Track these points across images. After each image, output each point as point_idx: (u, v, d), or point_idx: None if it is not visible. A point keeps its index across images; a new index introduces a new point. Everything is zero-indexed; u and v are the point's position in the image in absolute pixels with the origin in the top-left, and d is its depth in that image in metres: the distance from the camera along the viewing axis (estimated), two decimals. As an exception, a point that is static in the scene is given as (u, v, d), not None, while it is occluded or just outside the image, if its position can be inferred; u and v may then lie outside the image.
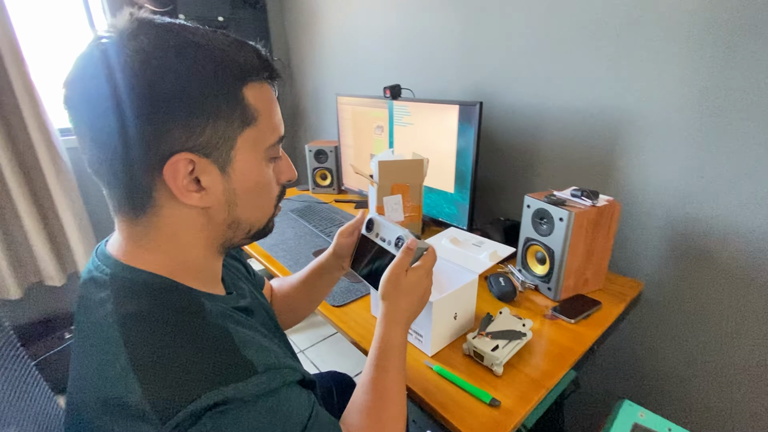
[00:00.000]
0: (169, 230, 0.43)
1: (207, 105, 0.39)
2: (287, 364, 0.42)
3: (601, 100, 1.00)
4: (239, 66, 0.41)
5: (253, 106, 0.42)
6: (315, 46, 1.93)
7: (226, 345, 0.39)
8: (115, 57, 0.37)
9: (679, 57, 0.86)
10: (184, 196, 0.41)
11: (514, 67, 1.16)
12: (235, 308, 0.48)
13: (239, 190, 0.44)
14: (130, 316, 0.39)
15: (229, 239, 0.47)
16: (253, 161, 0.44)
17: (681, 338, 1.00)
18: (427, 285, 0.59)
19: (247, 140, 0.43)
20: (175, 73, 0.37)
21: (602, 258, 0.93)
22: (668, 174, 0.93)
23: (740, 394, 0.93)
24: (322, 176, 1.76)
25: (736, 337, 0.91)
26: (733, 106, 0.81)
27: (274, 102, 0.46)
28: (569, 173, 1.11)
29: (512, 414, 0.62)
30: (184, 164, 0.39)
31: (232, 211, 0.45)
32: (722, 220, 0.88)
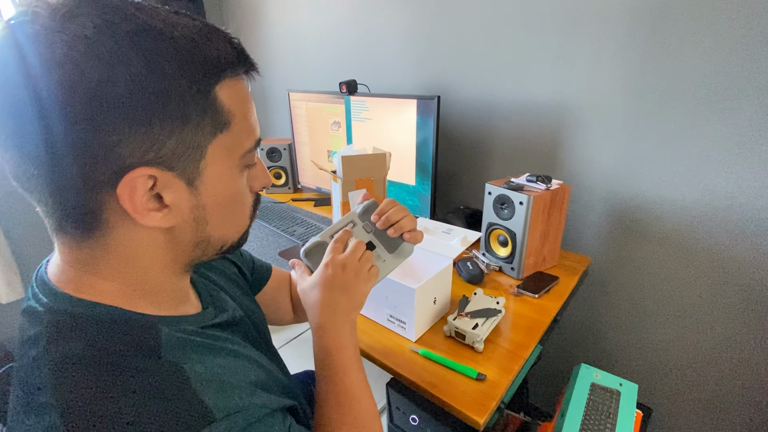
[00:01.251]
0: (123, 254, 0.36)
1: (171, 109, 0.32)
2: (254, 402, 0.37)
3: (547, 93, 1.09)
4: (211, 60, 0.34)
5: (227, 107, 0.36)
6: (259, 41, 1.86)
7: (179, 390, 0.34)
8: (46, 43, 0.28)
9: (613, 53, 0.96)
10: (143, 217, 0.34)
11: (467, 63, 1.22)
12: (209, 326, 0.44)
13: (210, 205, 0.38)
14: (65, 359, 0.32)
15: (197, 258, 0.41)
16: (226, 171, 0.38)
17: (624, 304, 1.12)
18: (347, 270, 0.53)
19: (219, 148, 0.36)
20: (130, 68, 0.30)
21: (556, 237, 1.02)
22: (606, 158, 1.05)
23: (675, 348, 1.07)
24: (276, 175, 1.71)
25: (669, 299, 1.05)
26: (658, 95, 0.93)
27: (250, 101, 0.40)
28: (522, 161, 1.20)
29: (497, 385, 0.67)
30: (143, 181, 0.33)
31: (201, 229, 0.39)
32: (653, 197, 1.00)
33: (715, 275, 0.96)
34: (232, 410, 0.35)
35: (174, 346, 0.37)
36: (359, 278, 0.53)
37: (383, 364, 0.72)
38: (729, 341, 0.98)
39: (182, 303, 0.44)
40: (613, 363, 1.20)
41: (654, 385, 1.14)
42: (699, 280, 0.99)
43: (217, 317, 0.47)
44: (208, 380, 0.36)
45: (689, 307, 1.02)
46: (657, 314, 1.07)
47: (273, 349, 0.60)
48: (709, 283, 0.97)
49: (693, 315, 1.02)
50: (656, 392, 1.14)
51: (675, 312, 1.04)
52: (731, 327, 0.97)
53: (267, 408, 0.38)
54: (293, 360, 1.74)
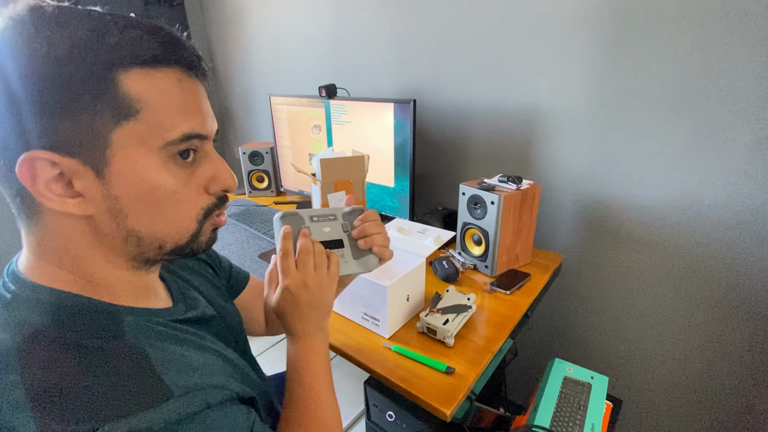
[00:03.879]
0: (58, 240, 0.38)
1: (62, 94, 0.33)
2: (212, 383, 0.38)
3: (516, 96, 1.13)
4: (110, 47, 0.34)
5: (134, 95, 0.35)
6: (241, 46, 1.88)
7: (139, 368, 0.35)
8: None
9: (580, 58, 1.00)
10: (53, 203, 0.35)
11: (443, 69, 1.25)
12: (178, 321, 0.45)
13: (124, 197, 0.37)
14: (29, 341, 0.34)
15: (137, 254, 0.41)
16: (142, 163, 0.37)
17: (596, 300, 1.16)
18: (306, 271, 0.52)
19: (128, 137, 0.36)
20: (30, 51, 0.32)
21: (528, 235, 1.06)
22: (575, 159, 1.08)
23: (645, 342, 1.11)
24: (259, 179, 1.73)
25: (639, 295, 1.09)
26: (623, 98, 0.97)
27: (180, 92, 0.38)
28: (496, 162, 1.23)
29: (465, 378, 0.69)
30: (43, 165, 0.34)
31: (122, 222, 0.38)
32: (620, 196, 1.04)
33: (680, 273, 1.00)
34: (191, 388, 0.36)
35: (137, 333, 0.38)
36: (323, 289, 0.53)
37: (357, 361, 0.74)
38: (695, 335, 1.03)
39: (147, 297, 0.45)
40: (587, 357, 1.23)
41: (625, 377, 1.18)
42: (665, 278, 1.03)
43: (187, 313, 0.48)
44: (171, 361, 0.37)
45: (657, 302, 1.06)
46: (627, 309, 1.11)
47: (247, 349, 0.61)
48: (675, 280, 1.02)
49: (660, 310, 1.06)
50: (627, 384, 1.18)
51: (644, 307, 1.08)
52: (699, 322, 1.01)
53: (227, 391, 0.39)
54: (277, 363, 1.75)
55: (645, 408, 1.17)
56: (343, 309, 0.86)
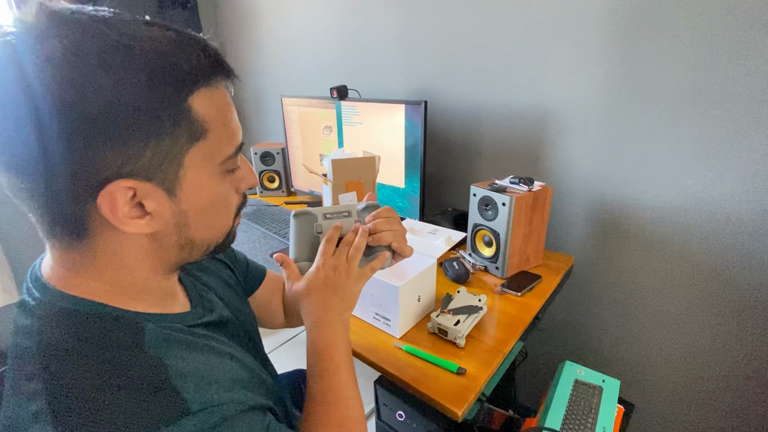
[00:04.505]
0: (110, 258, 0.38)
1: (144, 123, 0.33)
2: (230, 398, 0.39)
3: (530, 98, 1.13)
4: (183, 72, 0.35)
5: (201, 117, 0.36)
6: (253, 48, 1.90)
7: (158, 382, 0.35)
8: (20, 66, 0.30)
9: (593, 58, 1.00)
10: (125, 225, 0.36)
11: (454, 69, 1.25)
12: (194, 325, 0.46)
13: (191, 211, 0.40)
14: (53, 349, 0.34)
15: (183, 260, 0.43)
16: (205, 178, 0.39)
17: (608, 302, 1.15)
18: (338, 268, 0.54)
19: (197, 157, 0.37)
20: (100, 88, 0.31)
21: (539, 237, 1.05)
22: (587, 160, 1.08)
23: (657, 345, 1.10)
24: (270, 179, 1.74)
25: (651, 297, 1.07)
26: (636, 98, 0.96)
27: (229, 107, 0.40)
28: (507, 163, 1.23)
29: (477, 378, 0.69)
30: (122, 192, 0.34)
31: (184, 232, 0.41)
32: (633, 198, 1.03)
33: (694, 275, 0.99)
34: (209, 404, 0.36)
35: (158, 342, 0.39)
36: (350, 278, 0.55)
37: (369, 361, 0.75)
38: (709, 339, 1.01)
39: (169, 302, 0.46)
40: (598, 360, 1.22)
41: (637, 380, 1.16)
42: (679, 280, 1.02)
43: (205, 317, 0.48)
44: (187, 375, 0.37)
45: (670, 305, 1.05)
46: (639, 312, 1.10)
47: (261, 350, 0.61)
48: (689, 283, 1.00)
49: (674, 313, 1.05)
50: (639, 388, 1.17)
51: (657, 310, 1.07)
52: (715, 327, 1.00)
53: (243, 404, 0.39)
54: (287, 361, 1.76)
55: (658, 413, 1.15)
56: (355, 308, 0.87)
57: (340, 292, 0.54)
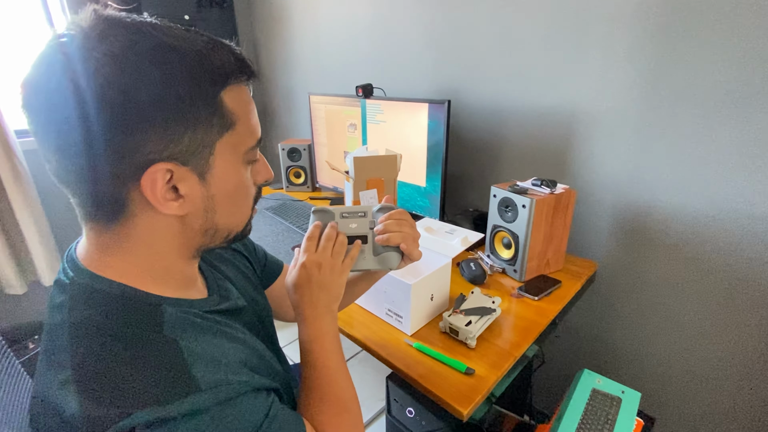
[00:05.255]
0: (142, 238, 0.42)
1: (185, 112, 0.37)
2: (237, 379, 0.41)
3: (555, 98, 1.10)
4: (216, 69, 0.39)
5: (231, 110, 0.41)
6: (285, 45, 1.95)
7: (172, 361, 0.38)
8: (82, 60, 0.34)
9: (624, 57, 0.96)
10: (162, 206, 0.39)
11: (478, 68, 1.24)
12: (210, 311, 0.48)
13: (218, 196, 0.43)
14: (82, 326, 0.38)
15: (205, 245, 0.47)
16: (231, 166, 0.43)
17: (632, 311, 1.11)
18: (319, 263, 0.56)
19: (225, 145, 0.42)
20: (150, 79, 0.35)
21: (561, 241, 1.03)
22: (615, 163, 1.04)
23: (682, 359, 1.05)
24: (296, 174, 1.79)
25: (678, 309, 1.03)
26: (670, 100, 0.92)
27: (252, 104, 0.45)
28: (531, 165, 1.21)
29: (485, 380, 0.69)
30: (162, 174, 0.38)
31: (210, 217, 0.44)
32: (663, 204, 0.99)
33: (725, 287, 0.94)
34: (217, 383, 0.39)
35: (175, 324, 0.42)
36: (335, 272, 0.57)
37: (378, 355, 0.76)
38: (738, 355, 0.96)
39: (189, 288, 0.49)
40: (619, 370, 1.18)
41: (659, 394, 1.12)
42: (709, 291, 0.97)
43: (221, 304, 0.51)
44: (199, 355, 0.40)
45: (698, 317, 1.00)
46: (664, 323, 1.06)
47: (274, 340, 0.64)
48: (719, 295, 0.95)
49: (701, 326, 1.00)
50: (662, 402, 1.12)
51: (683, 322, 1.03)
52: (741, 340, 0.95)
53: (249, 385, 0.42)
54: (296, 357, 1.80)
55: (680, 429, 1.10)
56: (368, 304, 0.89)
57: (326, 287, 0.56)
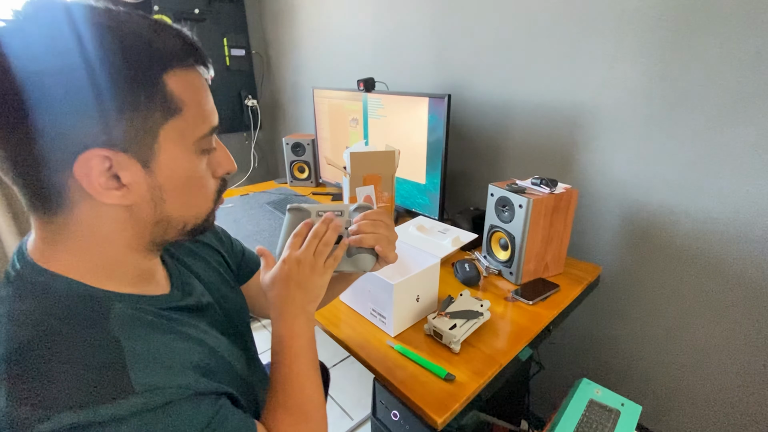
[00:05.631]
0: (86, 230, 0.40)
1: (121, 96, 0.36)
2: (178, 382, 0.39)
3: (560, 94, 1.04)
4: (157, 51, 0.37)
5: (176, 95, 0.39)
6: (293, 39, 1.94)
7: (110, 361, 0.36)
8: (11, 42, 0.33)
9: (631, 53, 0.90)
10: (102, 195, 0.38)
11: (482, 63, 1.20)
12: (169, 308, 0.46)
13: (166, 186, 0.41)
14: (20, 320, 0.36)
15: (159, 236, 0.44)
16: (180, 154, 0.41)
17: (637, 319, 1.05)
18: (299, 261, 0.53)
19: (171, 132, 0.40)
20: (84, 61, 0.34)
21: (561, 243, 0.98)
22: (620, 163, 0.98)
23: (691, 373, 0.99)
24: (300, 169, 1.78)
25: (687, 318, 0.96)
26: (680, 99, 0.86)
27: (204, 90, 0.43)
28: (534, 163, 1.16)
29: (465, 387, 0.66)
30: (98, 161, 0.36)
31: (160, 208, 0.42)
32: (671, 206, 0.93)
33: (742, 298, 0.87)
34: (153, 387, 0.37)
35: (123, 322, 0.40)
36: (315, 272, 0.54)
37: (359, 356, 0.74)
38: (751, 371, 0.89)
39: (147, 283, 0.47)
40: (621, 382, 1.12)
41: (663, 409, 1.06)
42: (722, 302, 0.90)
43: (182, 300, 0.49)
44: (141, 356, 0.38)
45: (710, 330, 0.93)
46: (674, 335, 1.00)
47: (246, 339, 0.61)
48: (735, 307, 0.89)
49: (714, 339, 0.93)
50: (664, 418, 1.06)
51: (695, 335, 0.96)
52: (755, 355, 0.88)
53: (191, 389, 0.39)
54: None
55: (688, 446, 1.04)
56: (353, 302, 0.86)
57: (303, 286, 0.53)
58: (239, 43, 2.04)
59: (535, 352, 1.22)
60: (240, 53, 2.05)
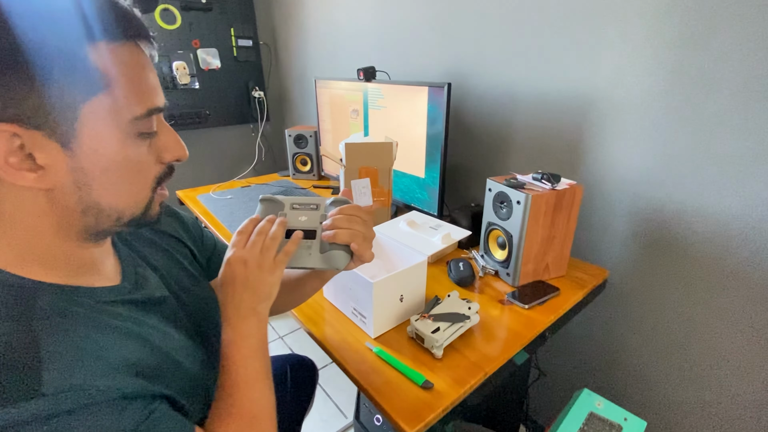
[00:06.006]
0: (6, 216, 0.37)
1: (29, 64, 0.32)
2: (102, 383, 0.36)
3: (570, 83, 0.97)
4: (81, 21, 0.34)
5: (101, 69, 0.35)
6: (300, 30, 1.90)
7: (23, 359, 0.33)
8: None
9: (649, 39, 0.82)
10: (13, 177, 0.34)
11: (487, 51, 1.13)
12: (112, 302, 0.43)
13: (92, 169, 0.37)
14: None
15: (91, 227, 0.41)
16: (109, 136, 0.37)
17: (645, 329, 0.97)
18: (244, 259, 0.50)
19: (96, 110, 0.36)
20: None
21: (564, 244, 0.91)
22: (634, 157, 0.90)
23: (702, 388, 0.91)
24: (303, 162, 1.75)
25: (700, 329, 0.88)
26: (700, 87, 0.78)
27: (140, 67, 0.39)
28: (540, 157, 1.09)
29: (443, 396, 0.61)
30: (5, 138, 0.33)
31: (86, 194, 0.38)
32: (688, 206, 0.85)
33: (760, 305, 0.79)
34: (68, 388, 0.34)
35: (47, 315, 0.37)
36: (263, 270, 0.50)
37: (333, 357, 0.70)
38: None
39: (88, 274, 0.44)
40: (625, 393, 1.05)
41: (671, 426, 0.98)
42: (742, 312, 0.82)
43: (130, 294, 0.46)
44: (61, 354, 0.35)
45: (724, 341, 0.85)
46: (686, 347, 0.91)
47: (206, 337, 0.57)
48: (756, 318, 0.80)
49: (728, 351, 0.85)
50: (676, 435, 0.98)
51: (705, 345, 0.88)
52: (778, 372, 0.79)
53: (116, 391, 0.36)
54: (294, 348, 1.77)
55: (699, 467, 0.96)
56: (336, 299, 0.82)
57: (251, 286, 0.49)
58: (246, 34, 2.02)
59: (534, 358, 1.16)
60: (247, 44, 2.03)
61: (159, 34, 1.78)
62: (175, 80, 1.85)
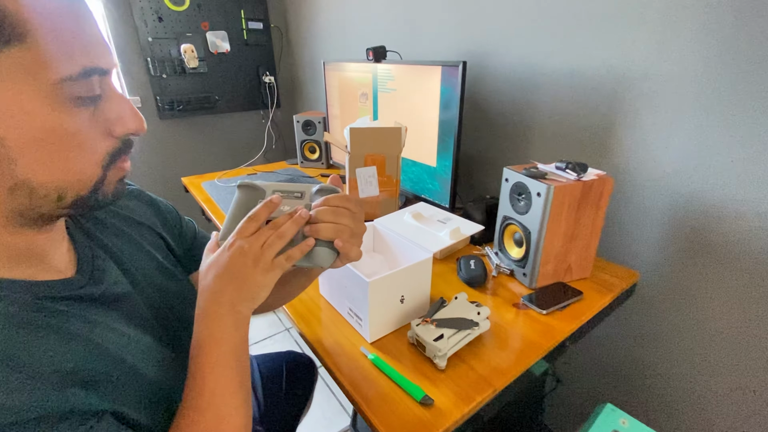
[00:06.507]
0: None
1: None
2: (15, 402, 0.30)
3: (601, 60, 0.85)
4: None
5: (16, 16, 0.30)
6: (312, 13, 1.82)
7: None
8: None
9: (695, 7, 0.70)
10: None
11: (507, 25, 1.02)
12: (60, 298, 0.38)
13: (13, 139, 0.32)
14: None
15: (25, 209, 0.35)
16: (30, 99, 0.31)
17: (679, 340, 0.87)
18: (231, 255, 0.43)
19: (11, 68, 0.30)
20: None
21: (589, 242, 0.81)
22: (673, 148, 0.79)
23: (743, 409, 0.80)
24: (311, 149, 1.68)
25: (744, 343, 0.77)
26: (753, 65, 0.66)
27: (73, 16, 0.33)
28: (564, 145, 0.98)
29: (444, 416, 0.53)
30: None
31: (8, 169, 0.32)
32: (735, 204, 0.73)
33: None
34: None
35: None
36: (257, 267, 0.43)
37: (323, 361, 0.63)
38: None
39: (30, 265, 0.38)
40: (653, 410, 0.94)
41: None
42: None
43: (83, 289, 0.40)
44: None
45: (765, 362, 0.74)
46: (724, 361, 0.80)
47: (179, 336, 0.51)
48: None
49: (782, 371, 0.74)
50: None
51: (750, 362, 0.77)
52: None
53: (30, 410, 0.30)
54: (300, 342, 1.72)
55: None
56: (332, 298, 0.75)
57: (238, 280, 0.43)
58: (257, 16, 1.95)
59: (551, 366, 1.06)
60: (258, 26, 1.96)
61: (167, 16, 1.73)
62: (183, 64, 1.80)
